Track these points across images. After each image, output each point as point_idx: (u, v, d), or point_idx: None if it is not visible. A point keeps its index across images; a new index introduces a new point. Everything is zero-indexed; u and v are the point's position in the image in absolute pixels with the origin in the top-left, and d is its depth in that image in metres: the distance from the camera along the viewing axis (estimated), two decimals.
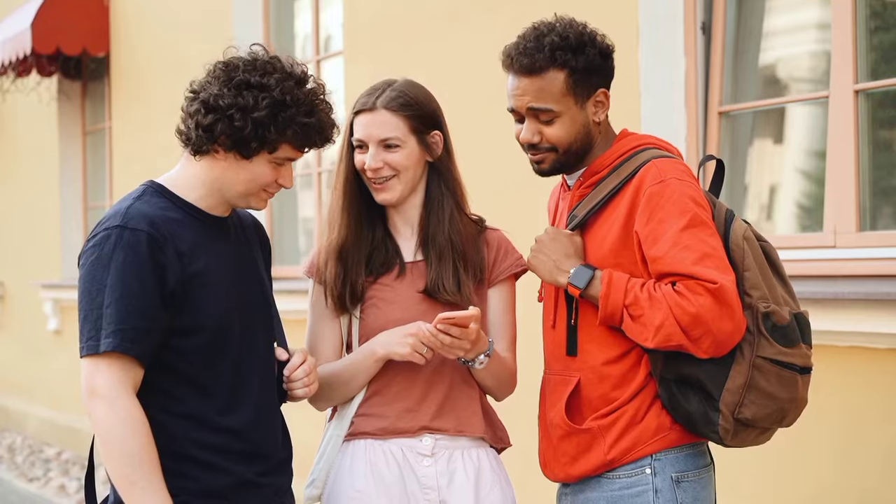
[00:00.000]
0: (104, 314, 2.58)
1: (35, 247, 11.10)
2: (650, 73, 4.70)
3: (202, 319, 2.67)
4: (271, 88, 2.62)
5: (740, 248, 2.73)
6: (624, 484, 2.78)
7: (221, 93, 2.62)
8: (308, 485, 3.05)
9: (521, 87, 2.81)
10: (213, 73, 2.67)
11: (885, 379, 3.90)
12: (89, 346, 2.60)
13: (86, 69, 10.19)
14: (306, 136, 2.68)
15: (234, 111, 2.61)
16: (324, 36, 7.45)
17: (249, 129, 2.61)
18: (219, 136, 2.64)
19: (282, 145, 2.67)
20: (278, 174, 2.73)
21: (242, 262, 2.83)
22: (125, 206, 2.68)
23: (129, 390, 2.59)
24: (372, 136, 2.94)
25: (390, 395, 2.99)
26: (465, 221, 3.06)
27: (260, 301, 2.85)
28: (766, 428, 2.76)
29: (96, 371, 2.59)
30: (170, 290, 2.63)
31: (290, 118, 2.63)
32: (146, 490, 2.57)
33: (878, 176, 4.28)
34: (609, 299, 2.72)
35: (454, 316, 2.77)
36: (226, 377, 2.71)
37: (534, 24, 2.85)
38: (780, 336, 2.68)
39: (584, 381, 2.83)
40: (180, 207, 2.72)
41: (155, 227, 2.63)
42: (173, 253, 2.64)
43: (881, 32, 4.34)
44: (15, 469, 9.50)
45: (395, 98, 2.96)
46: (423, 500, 2.95)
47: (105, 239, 2.63)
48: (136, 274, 2.59)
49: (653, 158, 2.80)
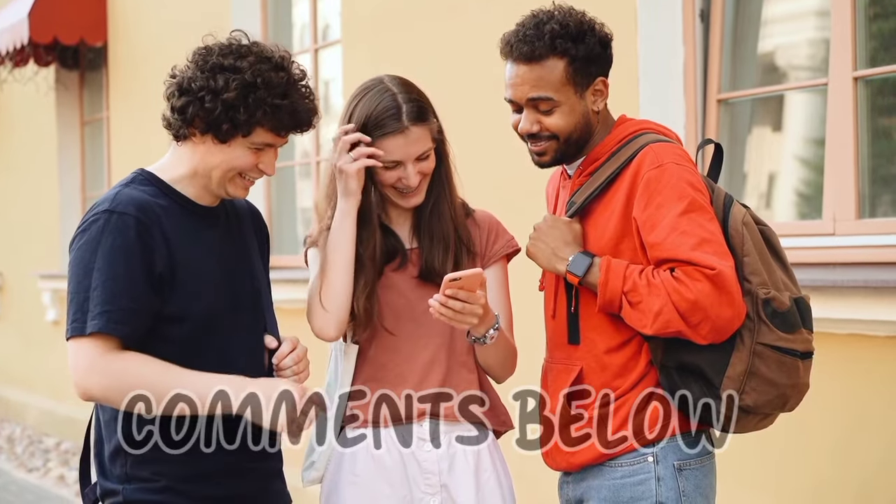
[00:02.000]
0: (91, 296, 2.58)
1: (33, 237, 11.09)
2: (649, 60, 4.69)
3: (188, 307, 2.67)
4: (243, 71, 2.62)
5: (739, 233, 2.72)
6: (626, 472, 2.78)
7: (195, 76, 2.64)
8: (306, 468, 3.05)
9: (520, 76, 2.80)
10: (192, 59, 2.69)
11: (884, 366, 3.90)
12: (74, 327, 2.60)
13: (83, 59, 10.17)
14: (277, 119, 2.66)
15: (204, 93, 2.62)
16: (322, 25, 7.43)
17: (219, 110, 2.62)
18: (192, 118, 2.65)
19: (255, 129, 2.66)
20: (258, 159, 2.71)
21: (232, 252, 2.82)
22: (114, 192, 2.69)
23: (117, 353, 2.59)
24: (410, 155, 2.92)
25: (387, 380, 2.98)
26: (457, 205, 3.06)
27: (249, 291, 2.83)
28: (768, 414, 2.76)
29: (80, 351, 2.60)
30: (158, 274, 2.63)
31: (261, 100, 2.62)
32: (188, 383, 2.59)
33: (878, 163, 4.28)
34: (607, 286, 2.72)
35: (460, 275, 2.74)
36: (212, 366, 2.69)
37: (533, 12, 2.84)
38: (780, 322, 2.68)
39: (587, 369, 2.83)
40: (168, 195, 2.72)
41: (143, 212, 2.64)
42: (161, 237, 2.64)
43: (880, 20, 4.33)
44: (14, 459, 9.50)
45: (418, 111, 2.93)
46: (424, 484, 2.96)
47: (93, 223, 2.64)
48: (124, 257, 2.60)
49: (650, 143, 2.79)
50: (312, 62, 7.30)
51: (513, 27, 2.85)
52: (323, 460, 3.03)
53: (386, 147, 2.91)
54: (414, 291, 2.99)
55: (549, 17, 2.81)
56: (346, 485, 2.99)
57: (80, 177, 10.53)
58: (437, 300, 2.77)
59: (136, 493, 2.66)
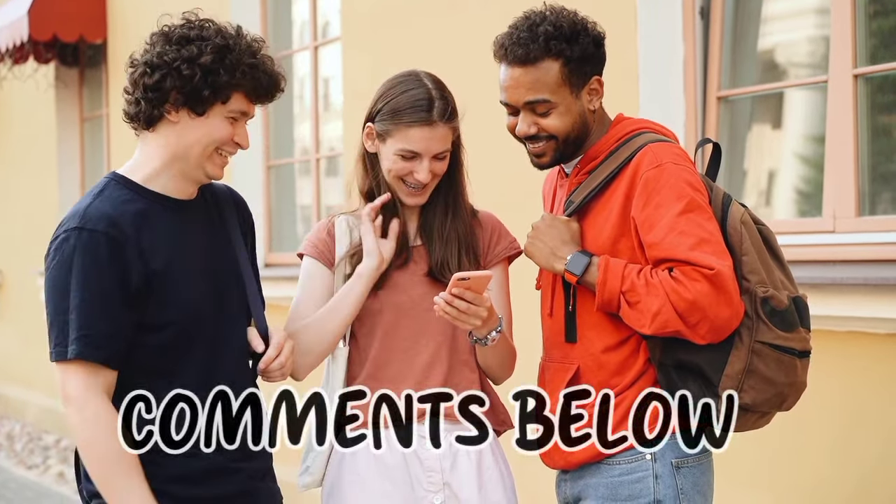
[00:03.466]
0: (69, 320, 2.58)
1: (33, 235, 11.08)
2: (649, 58, 4.69)
3: (170, 314, 2.66)
4: (211, 38, 2.64)
5: (738, 233, 2.72)
6: (624, 470, 2.78)
7: (164, 50, 2.64)
8: (302, 472, 3.04)
9: (516, 79, 2.80)
10: (150, 41, 2.69)
11: (884, 364, 3.90)
12: (57, 352, 2.61)
13: (83, 56, 10.16)
14: (255, 79, 2.67)
15: (179, 62, 2.61)
16: (322, 22, 7.43)
17: (199, 76, 2.61)
18: (169, 91, 2.63)
19: (234, 94, 2.66)
20: (234, 132, 2.70)
21: (214, 246, 2.79)
22: (84, 206, 2.65)
23: (98, 393, 2.60)
24: (430, 150, 2.92)
25: (388, 379, 2.97)
26: (467, 208, 3.06)
27: (234, 284, 2.81)
28: (766, 412, 2.76)
29: (67, 377, 2.61)
30: (134, 289, 2.61)
31: (237, 60, 2.63)
32: (126, 490, 2.59)
33: (878, 161, 4.27)
34: (606, 286, 2.71)
35: (469, 275, 2.74)
36: (197, 367, 2.70)
37: (525, 14, 2.83)
38: (778, 321, 2.68)
39: (584, 368, 2.82)
40: (144, 197, 2.69)
41: (114, 226, 2.61)
42: (134, 251, 2.62)
43: (880, 17, 4.32)
44: (14, 456, 9.50)
45: (447, 110, 2.93)
46: (427, 482, 2.95)
47: (64, 241, 2.61)
48: (98, 277, 2.58)
49: (649, 143, 2.79)
50: (312, 59, 7.29)
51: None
52: (319, 465, 3.02)
53: (409, 136, 2.90)
54: (417, 289, 2.98)
55: (542, 18, 2.80)
56: (347, 485, 2.98)
57: (80, 174, 10.52)
58: (442, 298, 2.77)
59: None
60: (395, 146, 2.92)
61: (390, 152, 2.93)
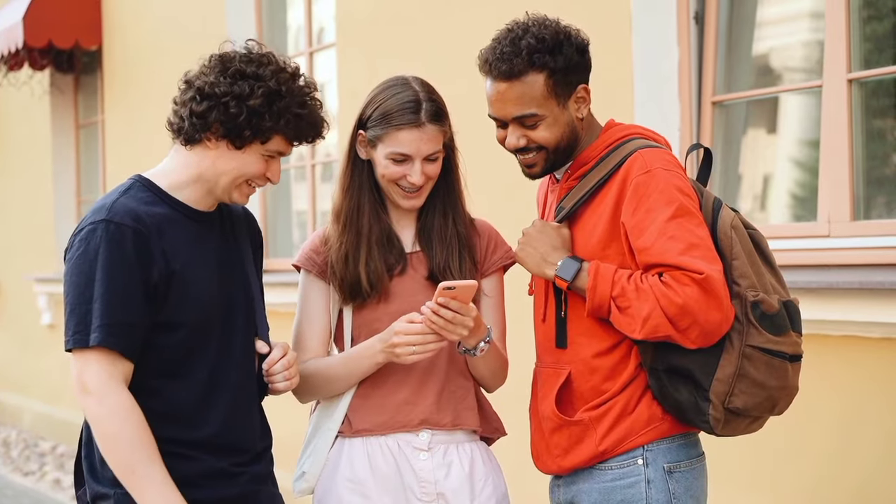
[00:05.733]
0: (92, 308, 2.61)
1: (28, 241, 11.08)
2: (643, 63, 4.69)
3: (183, 315, 2.69)
4: (267, 79, 2.65)
5: (728, 237, 2.72)
6: (616, 475, 2.78)
7: (217, 81, 2.65)
8: (297, 478, 3.04)
9: (502, 93, 2.79)
10: (209, 64, 2.70)
11: (878, 368, 3.90)
12: (76, 339, 2.62)
13: (78, 62, 10.15)
14: (299, 128, 2.70)
15: (229, 98, 2.64)
16: (317, 28, 7.43)
17: (244, 116, 2.64)
18: (213, 123, 2.65)
19: (274, 136, 2.69)
20: (267, 167, 2.74)
21: (227, 257, 2.83)
22: (111, 201, 2.70)
23: (119, 383, 2.62)
24: (420, 152, 2.92)
25: (386, 387, 2.97)
26: (465, 214, 3.06)
27: (243, 296, 2.85)
28: (757, 416, 2.75)
29: (85, 366, 2.61)
30: (153, 285, 2.64)
31: (285, 108, 2.66)
32: (147, 478, 2.60)
33: (872, 165, 4.28)
34: (596, 291, 2.71)
35: (455, 284, 2.74)
36: (203, 373, 2.73)
37: (507, 27, 2.83)
38: (769, 325, 2.68)
39: (575, 373, 2.83)
40: (166, 202, 2.73)
41: (140, 222, 2.65)
42: (158, 248, 2.66)
43: (874, 21, 4.33)
44: (10, 463, 9.49)
45: (436, 111, 2.93)
46: (420, 492, 2.94)
47: (91, 233, 2.65)
48: (122, 269, 2.62)
49: (639, 148, 2.79)
50: (307, 65, 7.29)
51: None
52: (314, 470, 3.02)
53: (399, 139, 2.91)
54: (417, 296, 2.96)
55: (525, 30, 2.79)
56: (343, 491, 2.97)
57: (75, 180, 10.52)
58: (429, 307, 2.78)
59: (127, 499, 2.66)
60: (385, 150, 2.93)
61: (382, 157, 2.94)
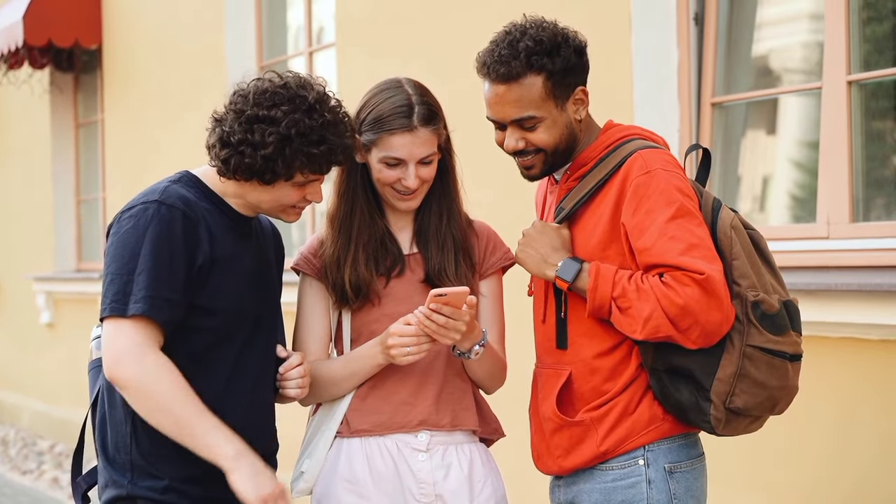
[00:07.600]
0: (135, 280, 2.66)
1: (28, 240, 11.08)
2: (643, 64, 4.69)
3: (218, 303, 2.75)
4: (278, 122, 2.69)
5: (728, 237, 2.72)
6: (617, 475, 2.79)
7: (233, 129, 2.72)
8: (296, 478, 3.04)
9: (500, 96, 2.80)
10: (231, 104, 2.76)
11: (877, 370, 3.91)
12: (114, 307, 2.66)
13: (78, 61, 10.16)
14: (316, 164, 2.74)
15: (244, 147, 2.70)
16: (316, 28, 7.43)
17: (259, 164, 2.70)
18: (234, 169, 2.73)
19: (296, 174, 2.74)
20: (304, 192, 2.80)
21: (260, 263, 2.90)
22: (163, 186, 2.78)
23: (154, 346, 2.66)
24: (414, 156, 2.92)
25: (385, 388, 2.98)
26: (462, 216, 3.06)
27: (270, 302, 2.92)
28: (758, 416, 2.76)
29: (118, 334, 2.65)
30: (196, 269, 2.71)
31: (297, 150, 2.70)
32: (204, 429, 2.63)
33: (871, 166, 4.28)
34: (597, 292, 2.72)
35: (446, 292, 2.76)
36: (228, 363, 2.78)
37: (505, 29, 2.83)
38: (769, 324, 2.68)
39: (576, 373, 2.83)
40: (211, 200, 2.81)
41: (190, 208, 2.73)
42: (205, 234, 2.73)
43: (874, 23, 4.33)
44: (8, 462, 9.49)
45: (429, 114, 2.93)
46: (419, 493, 2.95)
47: (143, 211, 2.71)
48: (170, 248, 2.68)
49: (638, 149, 2.79)
50: (307, 65, 7.30)
51: None
52: (313, 471, 3.02)
53: (392, 143, 2.91)
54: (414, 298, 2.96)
55: (523, 33, 2.79)
56: (341, 491, 2.97)
57: (75, 179, 10.52)
58: (421, 313, 2.79)
59: (141, 491, 2.71)
60: (379, 154, 2.93)
61: (376, 161, 2.94)
